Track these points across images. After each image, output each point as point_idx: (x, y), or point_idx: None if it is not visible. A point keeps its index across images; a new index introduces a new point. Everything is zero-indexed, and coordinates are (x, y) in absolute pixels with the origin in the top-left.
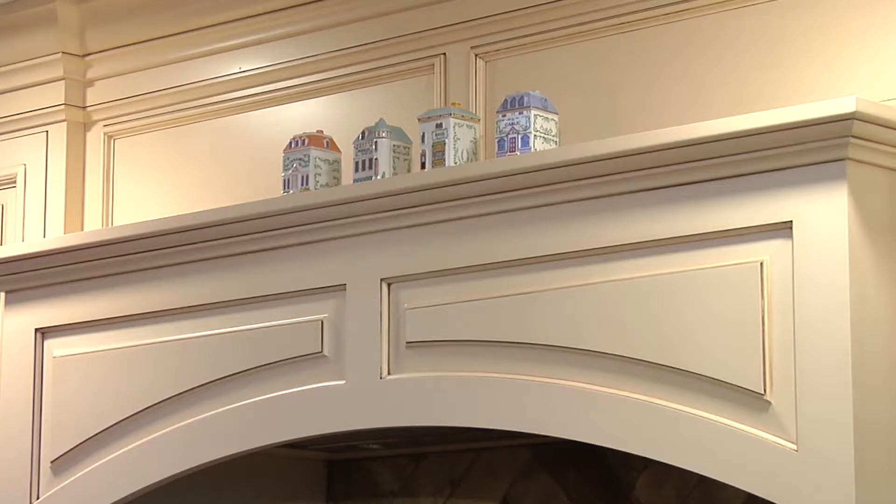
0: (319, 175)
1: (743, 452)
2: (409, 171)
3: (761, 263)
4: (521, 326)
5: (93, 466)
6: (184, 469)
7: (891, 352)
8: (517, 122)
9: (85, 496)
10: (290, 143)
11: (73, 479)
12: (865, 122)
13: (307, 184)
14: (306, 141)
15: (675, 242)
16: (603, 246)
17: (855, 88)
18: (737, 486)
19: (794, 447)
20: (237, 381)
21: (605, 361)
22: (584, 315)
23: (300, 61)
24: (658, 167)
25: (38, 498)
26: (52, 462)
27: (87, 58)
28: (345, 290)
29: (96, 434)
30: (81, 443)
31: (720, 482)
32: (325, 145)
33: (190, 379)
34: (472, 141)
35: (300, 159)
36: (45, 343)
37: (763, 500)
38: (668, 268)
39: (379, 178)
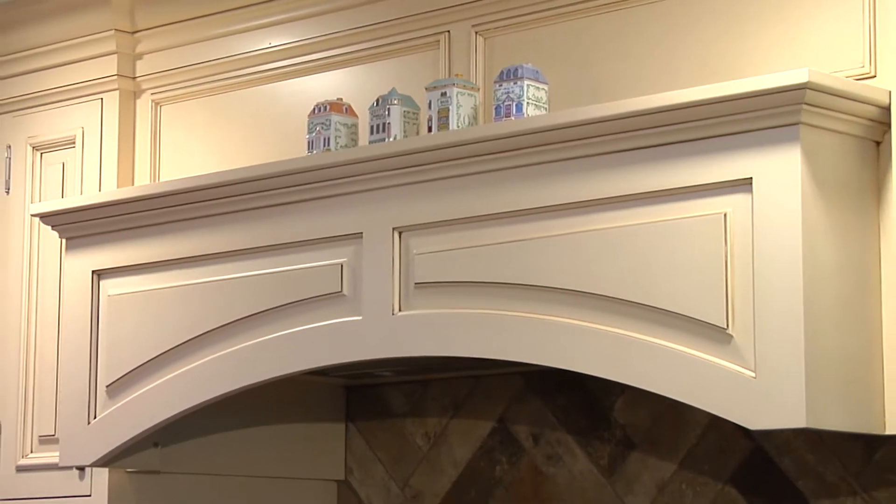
0: (339, 137)
1: (707, 379)
2: (417, 133)
3: (724, 215)
4: (514, 269)
5: (142, 390)
6: (222, 393)
7: (837, 292)
8: (512, 91)
9: (135, 415)
10: (314, 109)
11: (125, 401)
12: (817, 91)
13: (328, 145)
14: (328, 107)
15: (649, 197)
16: (586, 199)
17: (808, 61)
18: (702, 408)
19: (753, 375)
20: (268, 317)
21: (589, 300)
22: (571, 260)
23: (323, 37)
24: (634, 130)
25: (95, 417)
26: (107, 386)
27: (137, 34)
28: (361, 237)
29: (145, 362)
30: (132, 370)
31: (688, 405)
32: (345, 111)
33: (227, 315)
34: (472, 108)
35: (322, 123)
36: (101, 283)
37: (725, 420)
38: (643, 219)
39: (391, 139)
